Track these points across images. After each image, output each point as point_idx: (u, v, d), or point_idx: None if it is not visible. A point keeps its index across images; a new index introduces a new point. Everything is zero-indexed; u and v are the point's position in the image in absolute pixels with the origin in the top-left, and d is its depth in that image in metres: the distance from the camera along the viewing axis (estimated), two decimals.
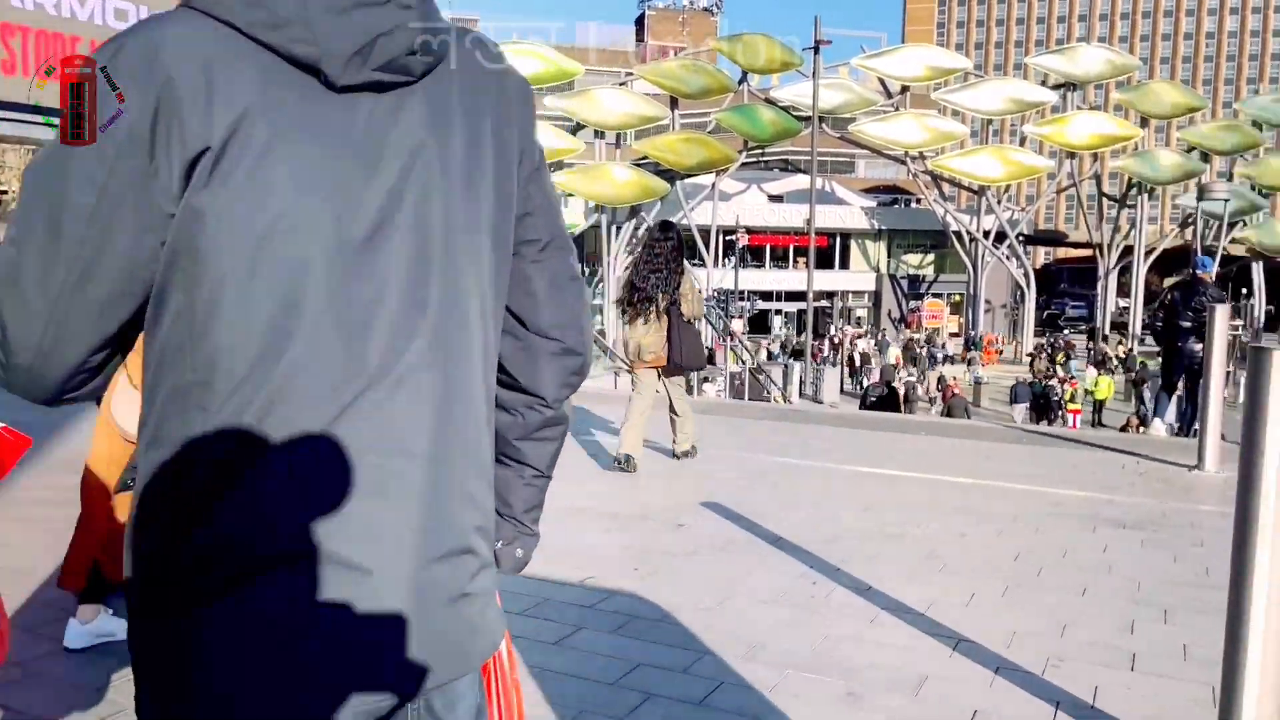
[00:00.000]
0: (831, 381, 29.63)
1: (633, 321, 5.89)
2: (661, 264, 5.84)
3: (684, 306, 5.87)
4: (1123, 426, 19.62)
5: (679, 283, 5.85)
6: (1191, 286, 7.51)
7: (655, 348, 5.84)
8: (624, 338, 6.02)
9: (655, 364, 5.92)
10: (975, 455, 6.59)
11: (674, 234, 6.12)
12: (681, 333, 5.86)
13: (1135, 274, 49.88)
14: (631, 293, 5.89)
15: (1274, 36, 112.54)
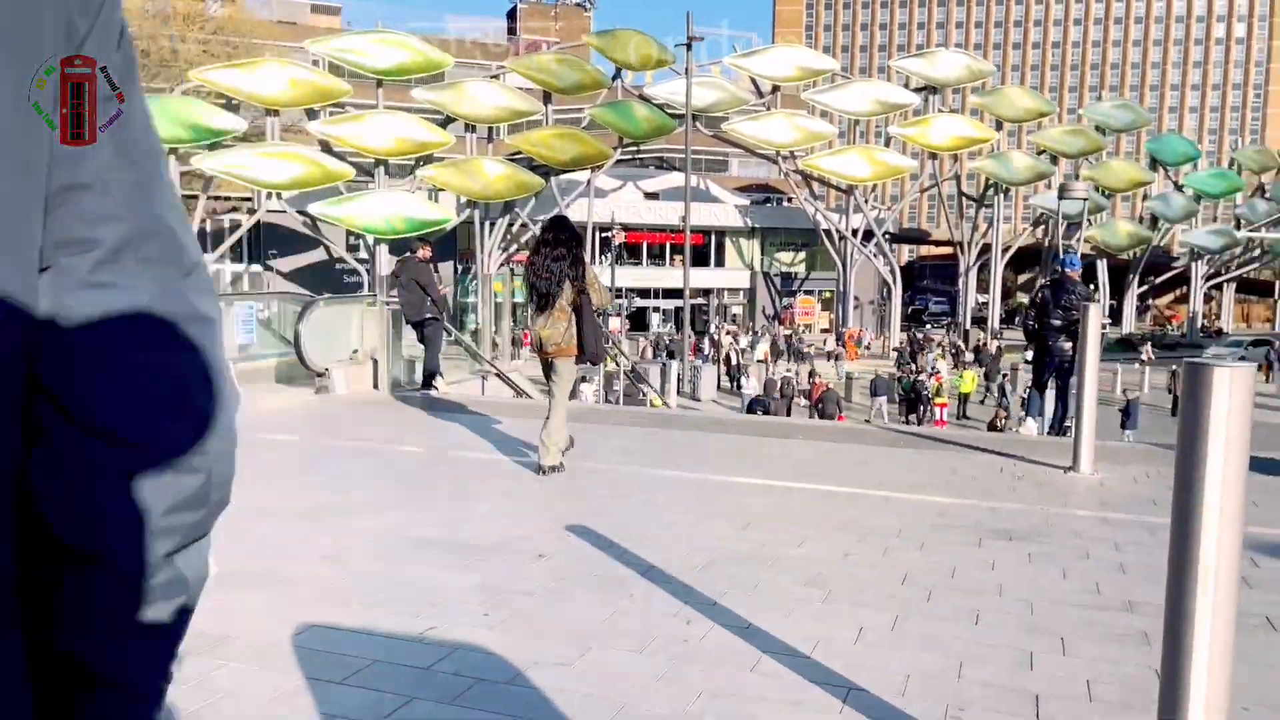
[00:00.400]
0: (709, 380, 29.68)
1: (537, 314, 5.88)
2: (564, 253, 5.79)
3: (593, 295, 5.87)
4: (991, 423, 20.27)
5: (583, 272, 5.82)
6: (1061, 285, 7.52)
7: (557, 338, 5.78)
8: (533, 332, 6.05)
9: (557, 354, 5.86)
10: (854, 461, 6.35)
11: (570, 226, 6.18)
12: (590, 323, 5.83)
13: (993, 270, 52.19)
14: (535, 286, 5.85)
15: (1114, 46, 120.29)
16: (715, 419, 8.09)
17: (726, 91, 46.65)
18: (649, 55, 43.69)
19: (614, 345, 28.54)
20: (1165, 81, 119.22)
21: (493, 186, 40.75)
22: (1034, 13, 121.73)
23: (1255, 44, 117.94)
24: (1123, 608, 3.60)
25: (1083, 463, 5.96)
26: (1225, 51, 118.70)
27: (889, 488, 5.57)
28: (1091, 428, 5.92)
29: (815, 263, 54.76)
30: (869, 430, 7.45)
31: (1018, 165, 50.16)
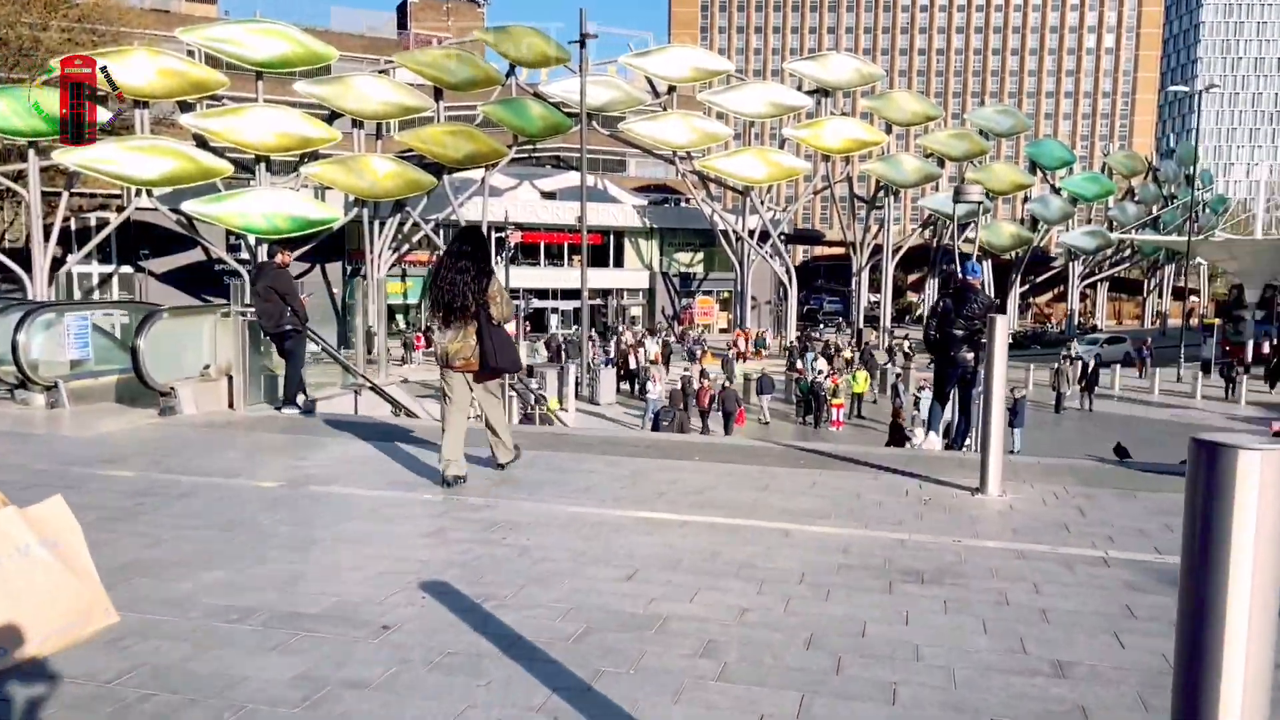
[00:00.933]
0: (608, 384, 29.14)
1: (443, 328, 5.80)
2: (467, 266, 5.74)
3: (493, 309, 5.78)
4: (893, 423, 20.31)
5: (487, 285, 5.75)
6: (963, 294, 7.22)
7: (465, 353, 5.75)
8: (436, 345, 5.95)
9: (465, 368, 5.83)
10: (754, 486, 5.86)
11: (478, 237, 6.06)
12: (493, 336, 5.77)
13: (885, 271, 53.28)
14: (437, 298, 5.78)
15: (994, 55, 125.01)
16: (608, 438, 7.51)
17: (622, 91, 46.23)
18: (543, 52, 42.90)
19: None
20: (1041, 89, 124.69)
21: (381, 184, 39.30)
22: (919, 20, 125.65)
23: (1123, 54, 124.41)
24: (1053, 671, 3.17)
25: (991, 484, 5.62)
26: (1096, 61, 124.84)
27: (791, 517, 5.09)
28: (999, 448, 5.57)
29: (713, 263, 54.95)
30: (769, 449, 6.97)
31: (907, 168, 51.31)
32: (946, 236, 56.20)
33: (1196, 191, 67.70)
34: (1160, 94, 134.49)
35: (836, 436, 24.97)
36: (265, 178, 38.27)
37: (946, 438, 7.80)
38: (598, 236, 52.96)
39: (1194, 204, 47.78)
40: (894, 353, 40.08)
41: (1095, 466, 6.60)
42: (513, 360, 6.08)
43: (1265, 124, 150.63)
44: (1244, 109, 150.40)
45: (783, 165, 48.71)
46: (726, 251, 50.13)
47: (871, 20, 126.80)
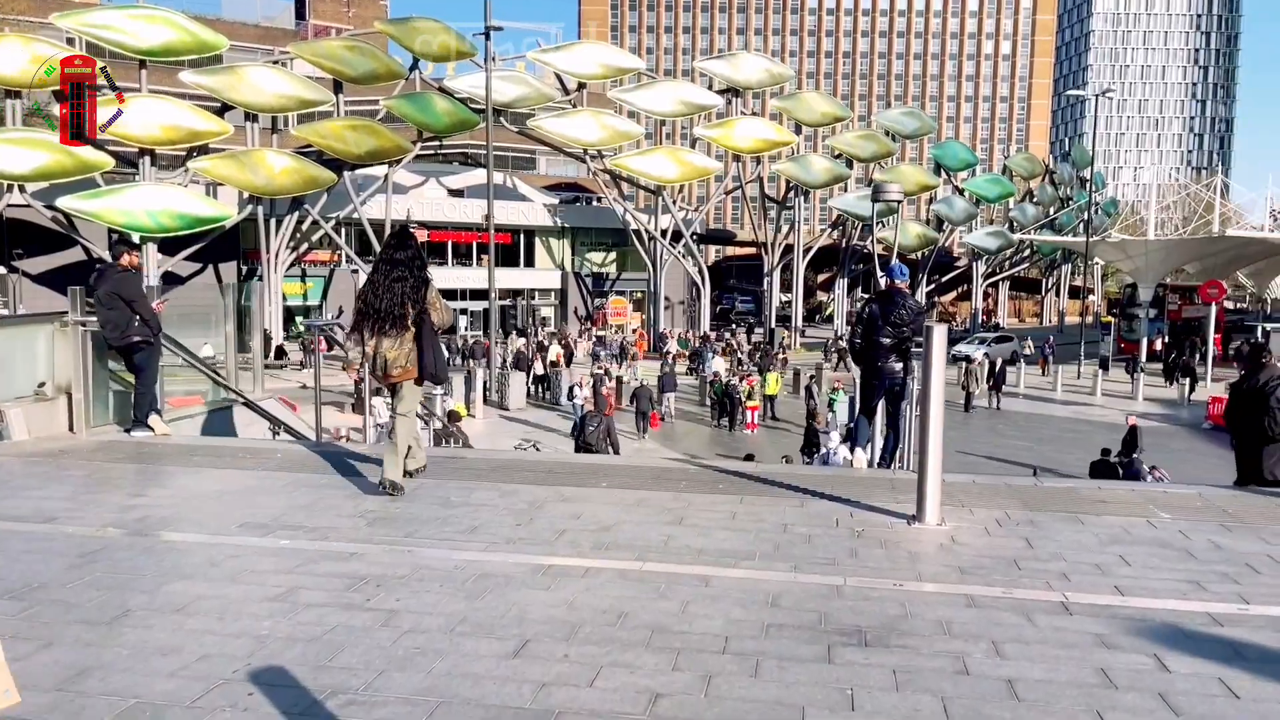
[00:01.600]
0: (518, 388, 28.22)
1: (378, 337, 5.61)
2: (405, 273, 5.62)
3: (433, 315, 5.71)
4: (808, 426, 19.96)
5: (425, 292, 5.67)
6: (889, 298, 6.66)
7: (402, 361, 5.63)
8: (367, 353, 5.68)
9: (403, 377, 5.69)
10: (667, 517, 5.18)
11: (412, 242, 5.85)
12: (432, 343, 5.71)
13: (796, 270, 53.55)
14: (373, 309, 5.59)
15: (897, 59, 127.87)
16: (503, 462, 6.73)
17: (531, 87, 45.25)
18: (448, 46, 41.60)
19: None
20: (943, 93, 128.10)
21: (277, 181, 37.47)
22: (826, 24, 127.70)
23: (1019, 61, 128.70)
24: None
25: (928, 512, 5.05)
26: (994, 67, 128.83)
27: (711, 558, 4.42)
28: (937, 473, 5.02)
29: (626, 263, 54.34)
30: (684, 470, 6.30)
31: (816, 168, 51.63)
32: (855, 237, 56.88)
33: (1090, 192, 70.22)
34: (1054, 99, 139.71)
35: (751, 439, 24.60)
36: (150, 173, 36.09)
37: (889, 455, 7.25)
38: (507, 236, 51.83)
39: (1090, 205, 49.26)
40: (840, 355, 39.26)
41: (1033, 485, 6.12)
42: (445, 368, 6.09)
43: (1150, 129, 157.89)
44: (1131, 115, 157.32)
45: (694, 165, 48.43)
46: (639, 251, 49.64)
47: (780, 23, 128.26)
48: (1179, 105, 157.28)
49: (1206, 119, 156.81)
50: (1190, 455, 23.14)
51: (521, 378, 28.79)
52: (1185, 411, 30.00)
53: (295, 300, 46.53)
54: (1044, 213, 65.09)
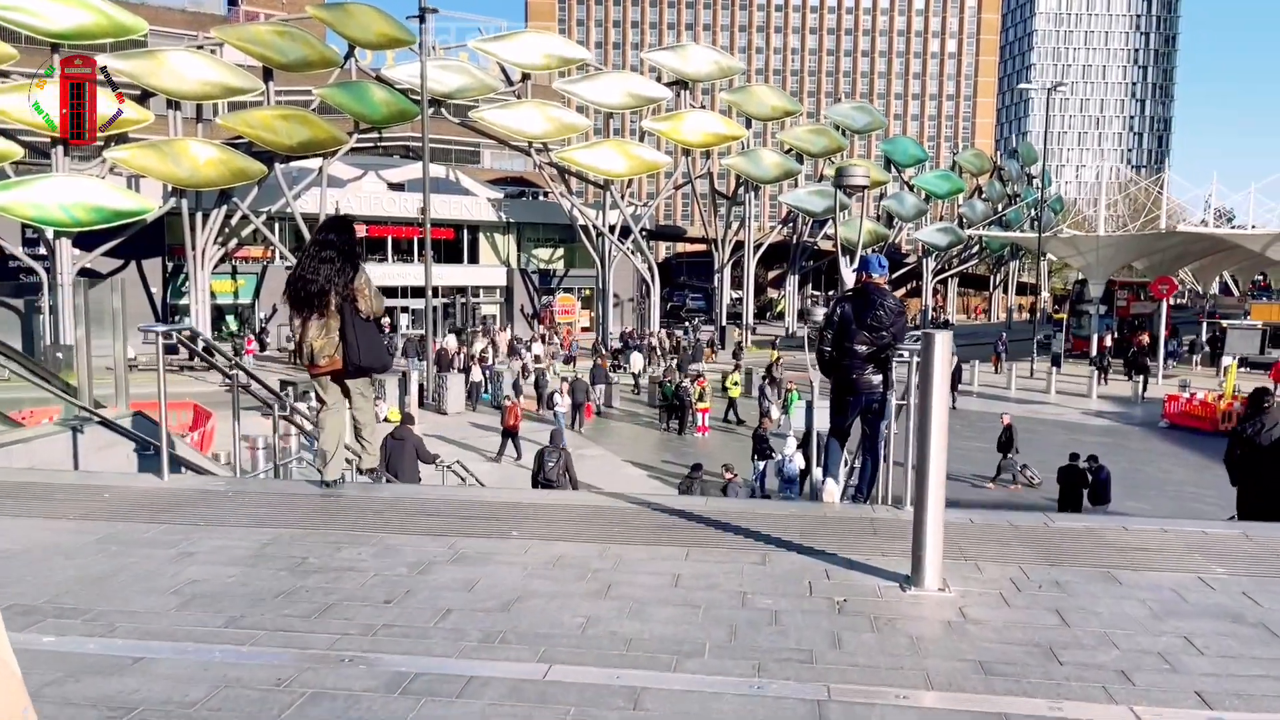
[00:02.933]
0: (457, 392, 26.79)
1: (305, 323, 5.36)
2: (334, 255, 5.35)
3: (360, 303, 5.36)
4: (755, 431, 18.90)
5: (353, 276, 5.36)
6: (866, 296, 5.51)
7: (329, 350, 5.37)
8: (295, 339, 5.46)
9: (330, 368, 5.43)
10: (591, 584, 3.97)
11: (345, 226, 5.57)
12: (358, 331, 5.36)
13: (746, 267, 52.67)
14: (299, 289, 5.36)
15: (845, 56, 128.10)
16: (397, 499, 5.44)
17: (473, 78, 43.64)
18: (384, 33, 39.80)
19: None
20: (890, 90, 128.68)
21: (202, 172, 35.44)
22: (775, 20, 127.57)
23: (965, 59, 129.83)
24: None
25: (928, 574, 3.91)
26: (940, 65, 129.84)
27: (643, 655, 3.22)
28: (938, 524, 3.87)
29: (574, 259, 52.97)
30: (619, 509, 5.10)
31: (767, 163, 50.78)
32: (806, 233, 56.20)
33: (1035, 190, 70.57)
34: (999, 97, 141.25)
35: (702, 443, 23.51)
36: (64, 163, 33.87)
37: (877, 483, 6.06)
38: (449, 231, 50.21)
39: (1042, 201, 49.12)
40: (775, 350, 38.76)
41: (1044, 524, 5.00)
42: (381, 359, 5.56)
43: (1091, 128, 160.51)
44: (1073, 113, 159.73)
45: (643, 159, 47.24)
46: (587, 248, 48.32)
47: (729, 19, 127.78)
48: (1119, 104, 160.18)
49: (1146, 118, 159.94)
50: (1150, 455, 22.57)
51: (461, 381, 27.33)
52: (1140, 410, 29.58)
53: (226, 298, 44.42)
54: (993, 209, 65.13)
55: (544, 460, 12.68)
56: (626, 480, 19.29)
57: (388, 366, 5.99)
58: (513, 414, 21.04)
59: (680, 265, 77.42)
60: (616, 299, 50.93)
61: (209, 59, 36.06)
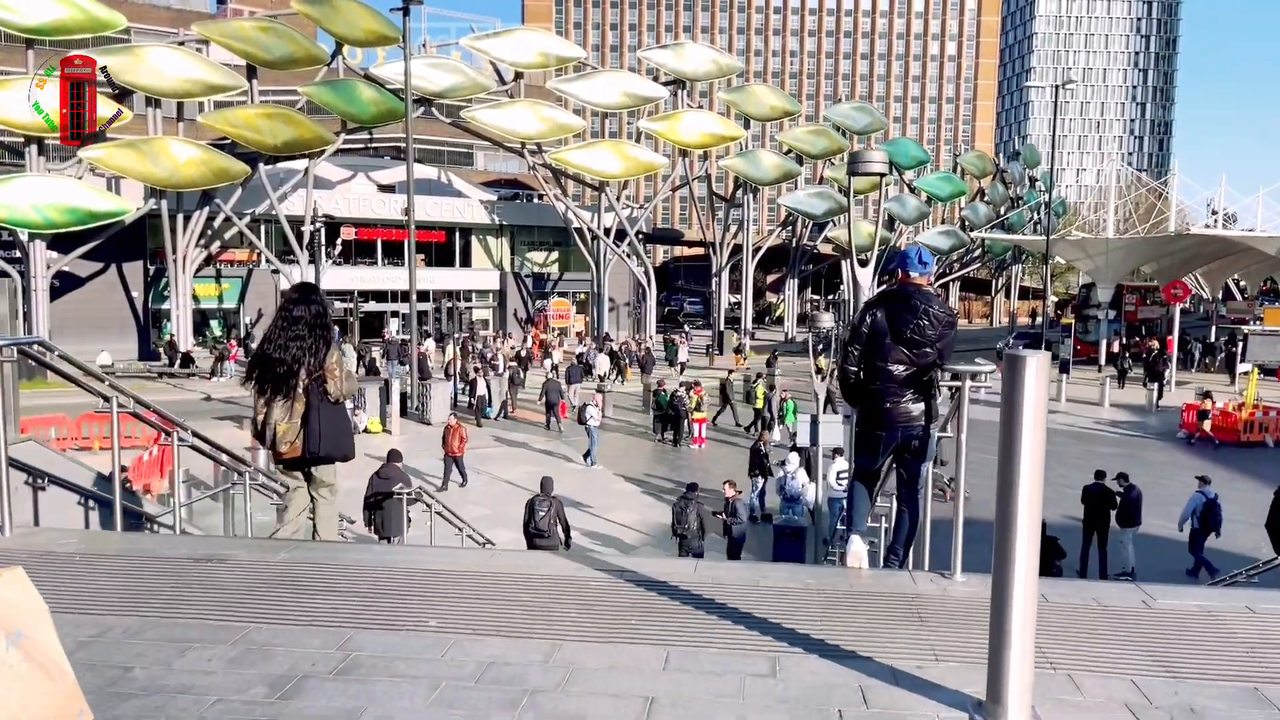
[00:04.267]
0: (442, 399, 25.56)
1: (268, 402, 4.93)
2: (304, 331, 4.92)
3: (330, 385, 4.92)
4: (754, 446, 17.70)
5: (325, 354, 4.92)
6: (905, 301, 4.26)
7: (293, 435, 4.91)
8: (257, 420, 4.99)
9: (292, 454, 4.97)
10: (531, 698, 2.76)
11: (317, 297, 5.14)
12: (322, 416, 4.91)
13: (745, 271, 51.51)
14: (265, 367, 4.93)
15: (844, 59, 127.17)
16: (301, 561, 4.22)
17: (465, 76, 42.49)
18: (374, 30, 38.66)
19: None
20: (890, 93, 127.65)
21: (182, 172, 34.25)
22: (773, 22, 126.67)
23: (965, 62, 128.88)
24: None
25: (1011, 700, 2.70)
26: (940, 68, 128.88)
27: None
28: (1030, 620, 2.68)
29: (569, 263, 51.78)
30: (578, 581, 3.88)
31: (766, 164, 49.64)
32: (806, 236, 55.04)
33: (1039, 193, 69.46)
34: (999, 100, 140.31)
35: (697, 455, 22.30)
36: (38, 163, 32.67)
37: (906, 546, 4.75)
38: (440, 234, 49.04)
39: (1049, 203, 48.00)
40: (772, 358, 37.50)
41: (1143, 606, 3.79)
42: (344, 449, 5.07)
43: (1092, 131, 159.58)
44: (1073, 116, 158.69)
45: (639, 160, 46.11)
46: (582, 251, 47.16)
47: (727, 20, 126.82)
48: (1119, 108, 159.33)
49: (1146, 121, 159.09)
50: (1173, 470, 21.35)
51: (447, 388, 26.09)
52: (1155, 418, 28.40)
53: (210, 302, 43.16)
54: (995, 212, 64.00)
55: (534, 509, 11.64)
56: (616, 497, 18.09)
57: (350, 456, 5.19)
58: (456, 436, 18.30)
59: (678, 269, 76.25)
60: (612, 303, 49.76)
61: (190, 55, 34.89)
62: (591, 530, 15.64)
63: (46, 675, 2.35)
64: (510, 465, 20.48)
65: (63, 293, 38.02)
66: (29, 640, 2.34)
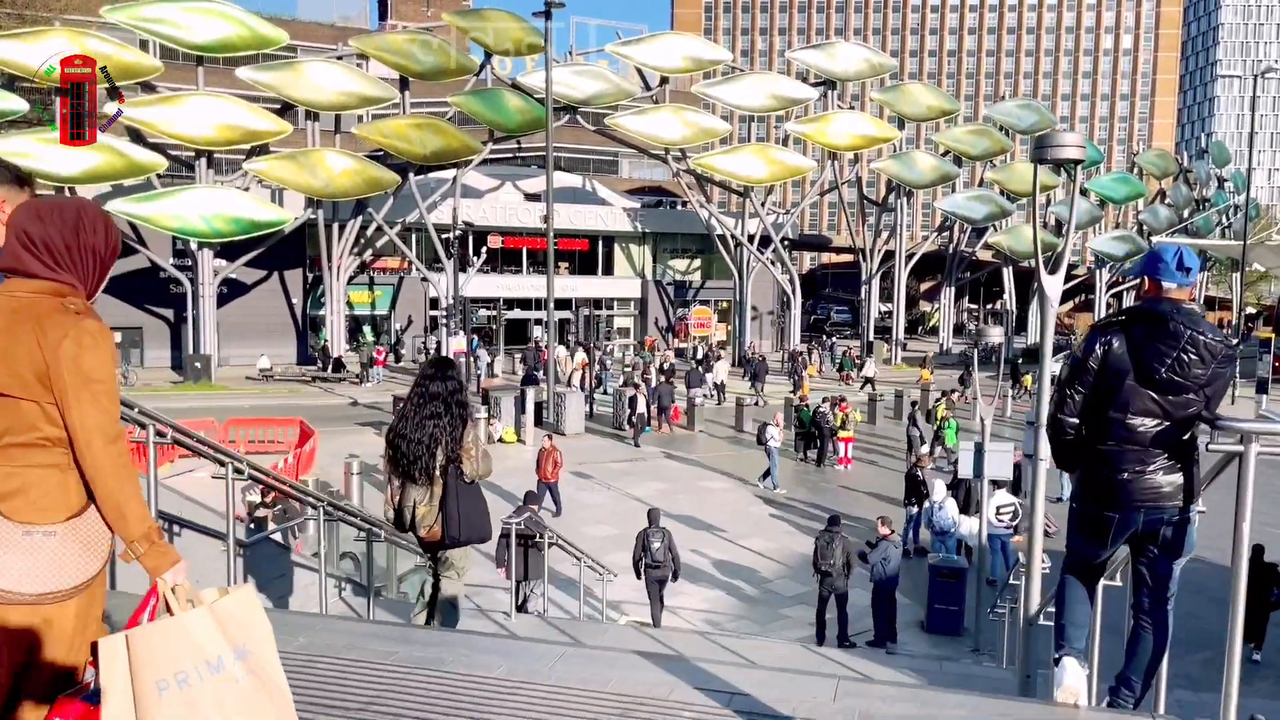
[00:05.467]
0: (575, 410, 25.00)
1: (405, 483, 4.75)
2: (440, 409, 4.72)
3: (466, 465, 4.74)
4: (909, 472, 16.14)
5: (462, 434, 4.74)
6: (1161, 324, 2.99)
7: (431, 519, 4.74)
8: (393, 503, 4.81)
9: (430, 538, 4.84)
10: None
11: (454, 373, 4.91)
12: (460, 500, 4.72)
13: (897, 279, 49.04)
14: (400, 451, 4.72)
15: (1007, 56, 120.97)
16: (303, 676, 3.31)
17: (610, 83, 42.18)
18: (521, 39, 38.83)
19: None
20: (1057, 91, 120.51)
21: (337, 183, 35.27)
22: (930, 22, 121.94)
23: (1141, 55, 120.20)
24: None
25: None
26: (1114, 63, 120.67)
27: None
28: None
29: (711, 271, 50.77)
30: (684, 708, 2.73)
31: (921, 166, 47.13)
32: (964, 242, 52.00)
33: (1227, 194, 63.40)
34: (1180, 96, 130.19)
35: (843, 476, 20.79)
36: (207, 175, 34.36)
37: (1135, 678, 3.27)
38: (584, 242, 48.97)
39: (1247, 205, 43.53)
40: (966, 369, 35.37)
41: None
42: (483, 531, 4.89)
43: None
44: (1264, 113, 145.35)
45: (786, 164, 44.59)
46: (725, 258, 46.02)
47: (881, 21, 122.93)
48: None
49: None
50: None
51: (580, 398, 25.51)
52: None
53: (363, 309, 44.55)
54: (1178, 215, 58.74)
55: (648, 541, 10.80)
56: (753, 522, 16.88)
57: (488, 538, 5.04)
58: (549, 460, 16.78)
59: (826, 277, 74.01)
60: (755, 312, 48.38)
61: (347, 69, 35.94)
62: (724, 559, 14.51)
63: (268, 695, 2.44)
64: (639, 481, 19.62)
65: (230, 299, 39.98)
66: (254, 657, 2.43)
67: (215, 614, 2.36)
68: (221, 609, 2.39)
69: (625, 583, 13.24)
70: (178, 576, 2.30)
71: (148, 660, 2.19)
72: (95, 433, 2.22)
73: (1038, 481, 6.29)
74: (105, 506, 2.26)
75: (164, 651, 2.22)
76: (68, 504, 2.28)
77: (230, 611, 2.41)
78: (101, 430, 2.24)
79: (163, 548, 2.28)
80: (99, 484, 2.24)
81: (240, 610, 2.45)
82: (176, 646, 2.24)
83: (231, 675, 2.34)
